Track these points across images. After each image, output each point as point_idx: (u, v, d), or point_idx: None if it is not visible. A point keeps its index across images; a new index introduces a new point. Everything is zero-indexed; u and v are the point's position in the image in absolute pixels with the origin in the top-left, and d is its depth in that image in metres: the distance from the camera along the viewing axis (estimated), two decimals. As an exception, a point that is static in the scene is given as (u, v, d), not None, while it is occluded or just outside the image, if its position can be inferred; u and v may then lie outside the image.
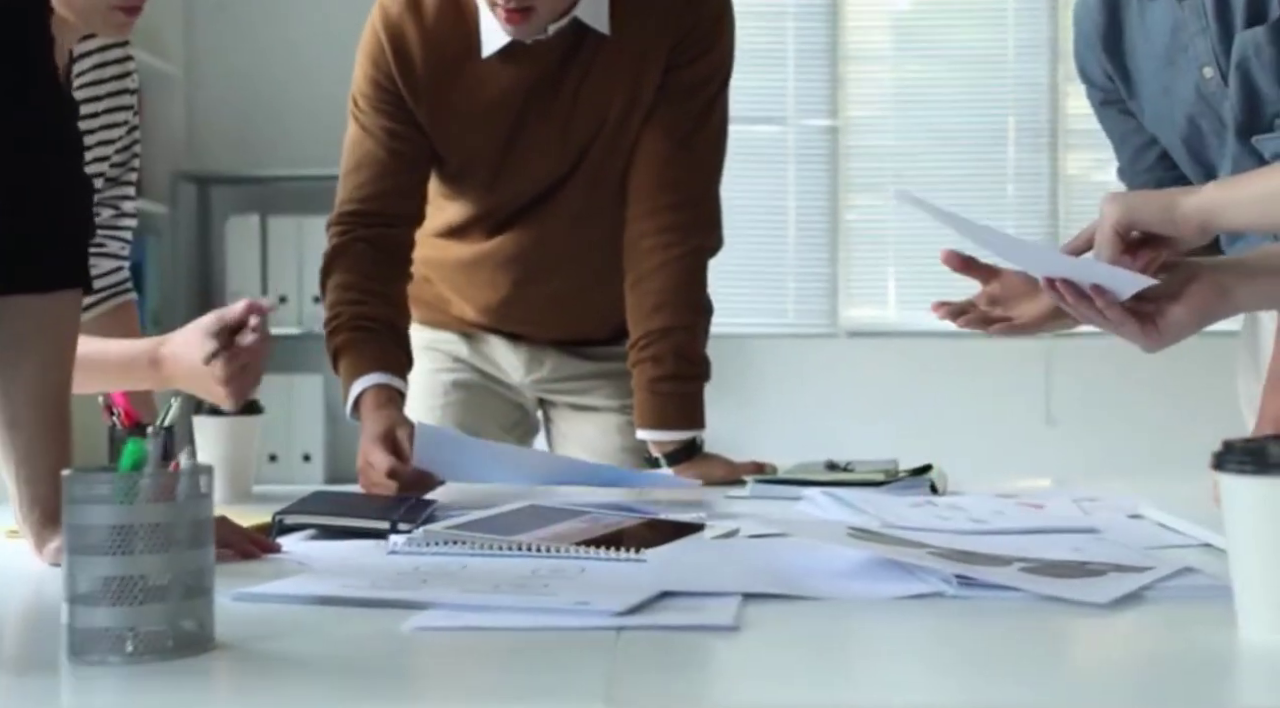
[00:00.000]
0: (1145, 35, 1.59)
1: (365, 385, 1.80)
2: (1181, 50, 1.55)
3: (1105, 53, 1.62)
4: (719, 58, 1.91)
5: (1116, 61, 1.62)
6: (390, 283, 1.89)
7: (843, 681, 0.87)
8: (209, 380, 1.64)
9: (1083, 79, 1.70)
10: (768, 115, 4.60)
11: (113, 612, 0.86)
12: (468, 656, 0.90)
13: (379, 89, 1.88)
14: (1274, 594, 0.89)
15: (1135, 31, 1.59)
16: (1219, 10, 1.50)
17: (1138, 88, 1.63)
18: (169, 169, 4.08)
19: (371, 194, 1.89)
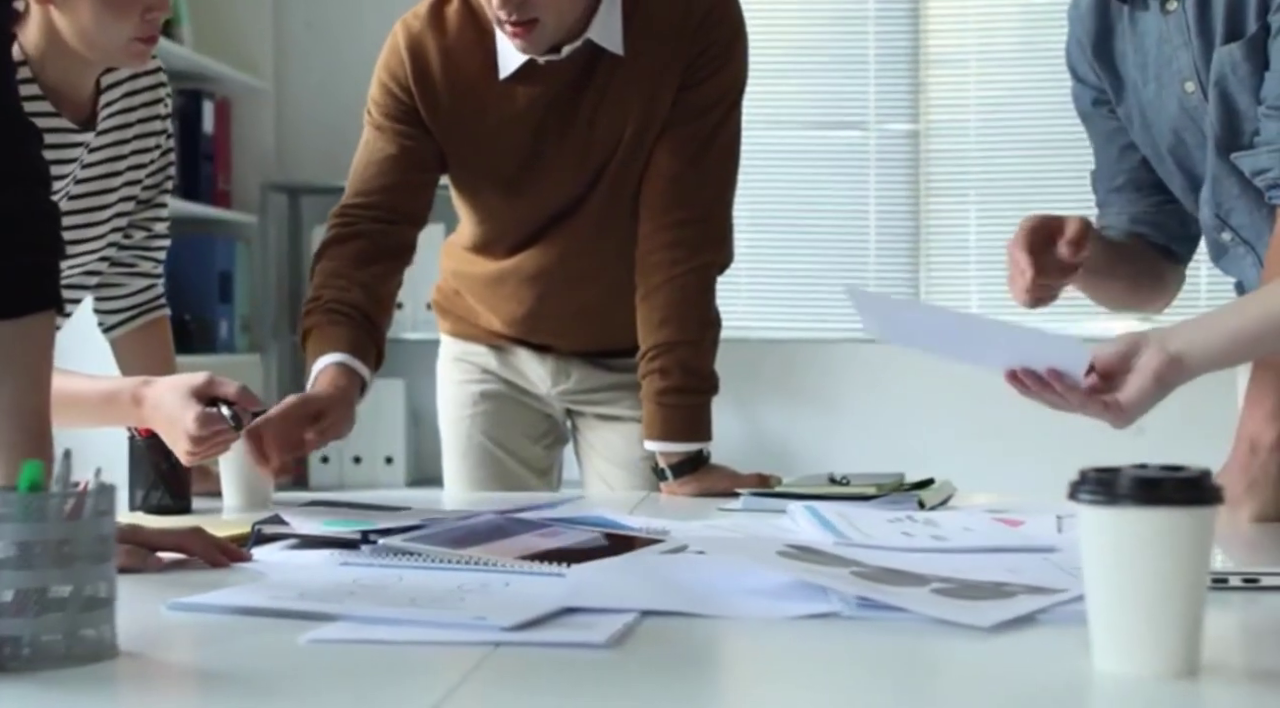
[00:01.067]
0: (1136, 45, 1.59)
1: (327, 362, 1.80)
2: (1166, 63, 1.55)
3: (1096, 58, 1.62)
4: (730, 79, 1.94)
5: (1107, 67, 1.62)
6: (378, 278, 1.90)
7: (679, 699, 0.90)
8: (180, 432, 1.64)
9: (1073, 78, 1.70)
10: (848, 120, 4.59)
11: (14, 623, 0.92)
12: (338, 667, 0.95)
13: (394, 99, 1.94)
14: (1122, 626, 0.90)
15: (1125, 40, 1.59)
16: (1200, 25, 1.50)
17: (1126, 94, 1.62)
18: (259, 180, 4.22)
19: (375, 188, 1.93)
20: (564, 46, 1.87)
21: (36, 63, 1.69)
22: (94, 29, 1.62)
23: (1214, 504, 0.90)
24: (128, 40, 1.64)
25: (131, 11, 1.62)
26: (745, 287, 4.59)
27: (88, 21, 1.62)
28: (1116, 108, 1.64)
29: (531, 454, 2.20)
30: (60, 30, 1.65)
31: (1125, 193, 1.68)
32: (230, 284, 4.06)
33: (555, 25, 1.83)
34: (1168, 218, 1.67)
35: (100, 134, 1.80)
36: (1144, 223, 1.67)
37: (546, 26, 1.82)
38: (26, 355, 1.34)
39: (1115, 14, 1.60)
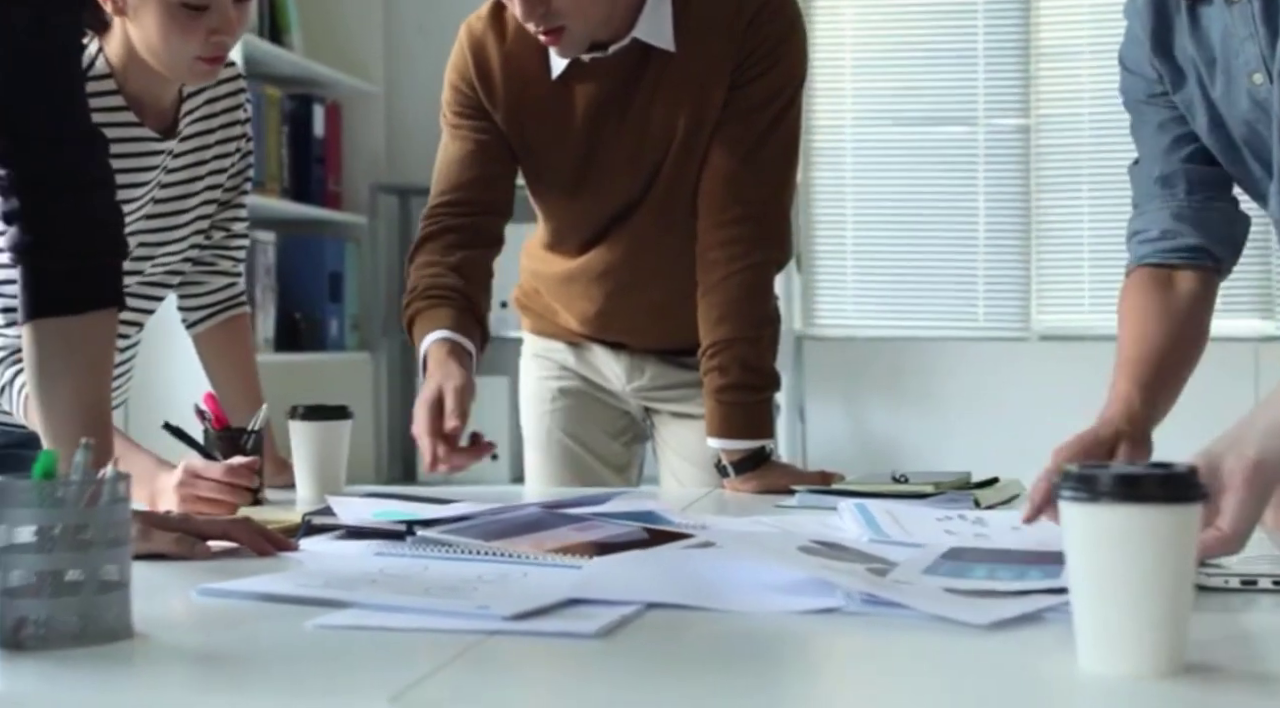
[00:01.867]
0: (1198, 41, 1.55)
1: (432, 339, 1.87)
2: (1234, 56, 1.51)
3: (1156, 53, 1.59)
4: (784, 76, 1.94)
5: (1167, 61, 1.59)
6: (469, 261, 1.97)
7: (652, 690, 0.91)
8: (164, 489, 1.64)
9: (1124, 70, 1.66)
10: (956, 116, 4.53)
11: (31, 603, 0.98)
12: (329, 650, 0.98)
13: (462, 96, 1.99)
14: (1105, 625, 0.89)
15: (1184, 35, 1.56)
16: (1266, 14, 1.46)
17: (1188, 87, 1.59)
18: (369, 181, 4.31)
19: (457, 185, 1.99)
20: (611, 45, 1.90)
21: (120, 74, 1.76)
22: (160, 46, 1.69)
23: (1195, 502, 0.88)
24: (192, 59, 1.70)
25: (195, 32, 1.68)
26: (852, 285, 4.56)
27: (155, 39, 1.68)
28: (1174, 97, 1.61)
29: (609, 451, 2.22)
30: (135, 45, 1.71)
31: (1171, 186, 1.63)
32: (340, 284, 4.16)
33: (583, 29, 1.85)
34: (1212, 216, 1.62)
35: (182, 141, 1.87)
36: (1185, 221, 1.62)
37: (575, 31, 1.85)
38: (88, 350, 1.40)
39: (1173, 9, 1.56)
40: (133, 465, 1.64)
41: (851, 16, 4.58)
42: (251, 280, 3.71)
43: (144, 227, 1.84)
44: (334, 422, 1.93)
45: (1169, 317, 1.57)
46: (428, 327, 1.91)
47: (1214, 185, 1.62)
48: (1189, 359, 1.58)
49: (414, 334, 1.94)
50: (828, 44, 4.58)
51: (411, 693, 0.85)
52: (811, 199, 4.56)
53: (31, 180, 1.37)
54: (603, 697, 0.89)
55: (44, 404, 1.39)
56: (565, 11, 1.82)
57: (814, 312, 4.56)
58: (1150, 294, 1.59)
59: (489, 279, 2.00)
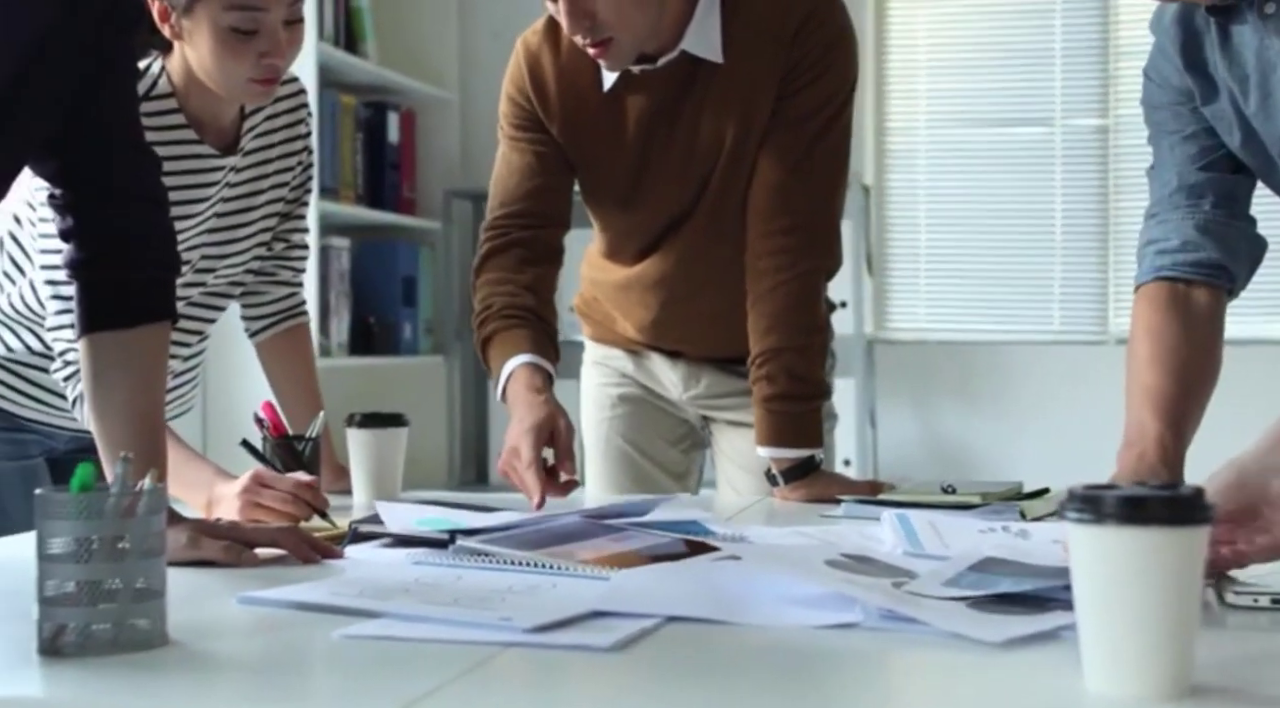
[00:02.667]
0: (1230, 58, 1.53)
1: (517, 364, 1.90)
2: (1271, 69, 1.49)
3: (1186, 67, 1.57)
4: (831, 87, 1.94)
5: (1198, 75, 1.57)
6: (539, 279, 2.00)
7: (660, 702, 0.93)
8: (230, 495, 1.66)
9: (1151, 82, 1.64)
10: (1033, 116, 4.48)
11: (70, 611, 1.02)
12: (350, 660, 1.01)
13: (520, 109, 2.03)
14: (1111, 646, 0.89)
15: (1214, 51, 1.54)
16: None
17: (1219, 100, 1.57)
18: (443, 187, 4.37)
19: (518, 197, 2.03)
20: (659, 57, 1.92)
21: (181, 94, 1.81)
22: (214, 69, 1.73)
23: (1202, 524, 0.88)
24: (245, 81, 1.74)
25: (246, 55, 1.72)
26: (925, 288, 4.54)
27: (209, 62, 1.73)
28: (1203, 109, 1.58)
29: (668, 457, 2.24)
30: (192, 67, 1.76)
31: (1196, 197, 1.60)
32: (414, 288, 4.21)
33: (631, 40, 1.87)
34: (1231, 233, 1.59)
35: (244, 157, 1.91)
36: (1210, 235, 1.58)
37: (623, 43, 1.86)
38: (140, 361, 1.45)
39: (1202, 25, 1.55)
40: (191, 474, 1.70)
41: (926, 17, 4.55)
42: (326, 286, 3.78)
43: (206, 240, 1.89)
44: (390, 429, 1.96)
45: (1190, 342, 1.54)
46: (509, 349, 1.93)
47: (1237, 200, 1.60)
48: (1210, 385, 1.55)
49: (490, 354, 1.97)
50: (902, 45, 4.55)
51: (421, 704, 0.88)
52: (885, 201, 4.53)
53: (85, 199, 1.42)
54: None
55: (98, 413, 1.44)
56: (610, 24, 1.84)
57: (886, 315, 4.54)
58: (1169, 314, 1.56)
59: (554, 296, 2.04)
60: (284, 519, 1.63)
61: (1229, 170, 1.59)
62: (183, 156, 1.80)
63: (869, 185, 4.42)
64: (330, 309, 3.83)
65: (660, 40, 1.91)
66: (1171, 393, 1.49)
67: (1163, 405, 1.49)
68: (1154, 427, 1.47)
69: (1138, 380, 1.52)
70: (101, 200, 1.43)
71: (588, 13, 1.84)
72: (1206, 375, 1.55)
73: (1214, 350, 1.57)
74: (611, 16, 1.84)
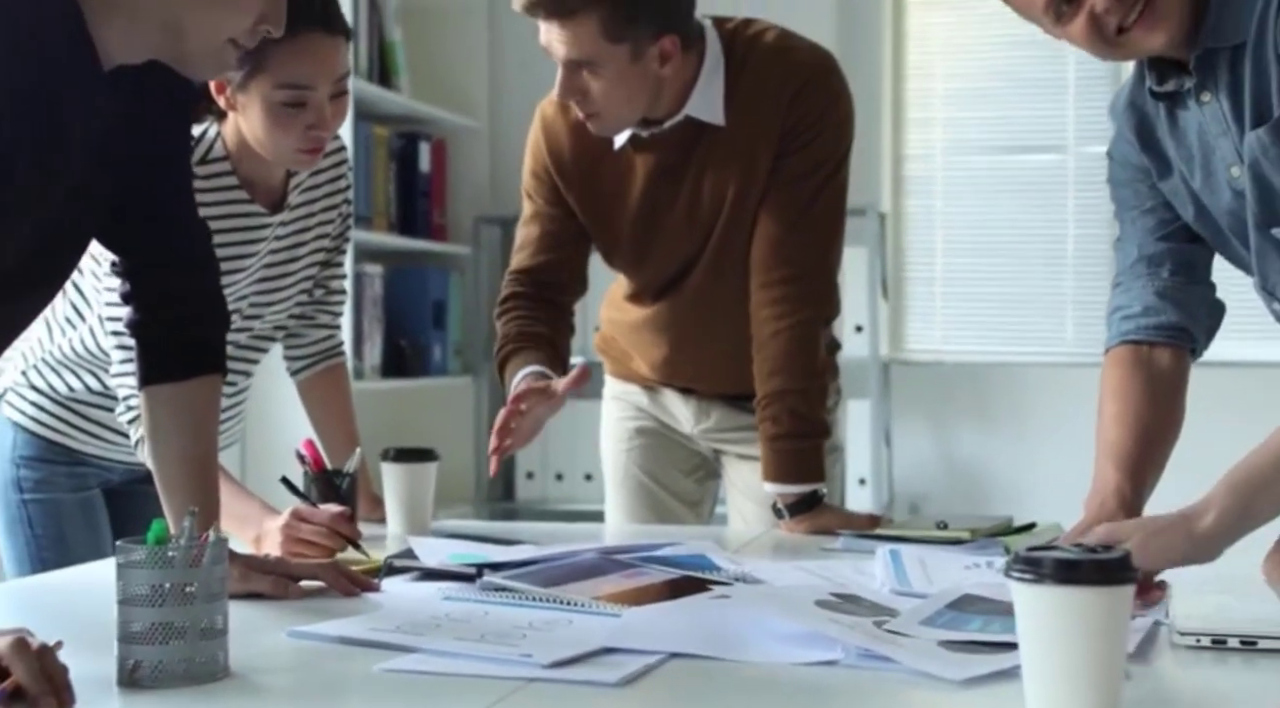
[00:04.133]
0: (1177, 139, 1.65)
1: (524, 373, 2.08)
2: (1211, 152, 1.61)
3: (1142, 147, 1.69)
4: (827, 148, 2.07)
5: (1152, 154, 1.69)
6: (553, 322, 2.19)
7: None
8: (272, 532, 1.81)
9: (1114, 162, 1.76)
10: (1046, 144, 4.60)
11: (145, 649, 1.16)
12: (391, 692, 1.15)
13: (538, 180, 2.19)
14: (1048, 685, 1.02)
15: (1165, 132, 1.66)
16: (1235, 113, 1.56)
17: (1173, 176, 1.68)
18: (473, 213, 4.52)
19: (537, 265, 2.21)
20: (665, 120, 2.07)
21: (234, 158, 1.96)
22: (265, 138, 1.88)
23: (1126, 584, 1.01)
24: (293, 150, 1.89)
25: (294, 127, 1.87)
26: (941, 310, 4.66)
27: (260, 132, 1.88)
28: (1160, 185, 1.70)
29: (683, 487, 2.38)
30: (245, 135, 1.91)
31: (1155, 264, 1.71)
32: (444, 312, 4.36)
33: (614, 119, 2.04)
34: (1189, 298, 1.71)
35: (289, 211, 2.06)
36: (1168, 299, 1.70)
37: (606, 119, 2.03)
38: (193, 411, 1.61)
39: (1152, 110, 1.66)
40: (240, 508, 1.85)
41: (941, 46, 4.67)
42: (359, 311, 3.93)
43: (254, 290, 2.04)
44: (421, 464, 2.11)
45: (1151, 399, 1.67)
46: (519, 364, 2.12)
47: (1195, 267, 1.71)
48: (1170, 440, 1.68)
49: (505, 371, 2.16)
50: (918, 74, 4.67)
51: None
52: (902, 227, 4.66)
53: (143, 267, 1.58)
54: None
55: (156, 457, 1.59)
56: (598, 102, 2.00)
57: (903, 337, 4.66)
58: (1132, 373, 1.69)
59: (567, 337, 2.22)
60: (322, 551, 1.78)
61: (1186, 240, 1.71)
62: (234, 215, 1.95)
63: (885, 212, 4.55)
64: (364, 334, 3.98)
65: (666, 106, 2.06)
66: (1131, 448, 1.63)
67: (1123, 459, 1.62)
68: (1114, 478, 1.61)
69: (1103, 436, 1.66)
70: (157, 268, 1.58)
71: (580, 89, 2.00)
72: (1167, 429, 1.68)
73: (1175, 406, 1.70)
74: (600, 98, 2.00)
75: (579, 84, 1.99)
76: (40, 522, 2.09)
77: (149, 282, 1.59)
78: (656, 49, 1.99)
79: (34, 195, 1.35)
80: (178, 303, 1.59)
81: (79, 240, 1.52)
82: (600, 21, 1.94)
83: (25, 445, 2.09)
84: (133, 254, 1.59)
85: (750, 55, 2.07)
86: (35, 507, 2.09)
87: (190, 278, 1.60)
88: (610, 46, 1.96)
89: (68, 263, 1.52)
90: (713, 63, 2.06)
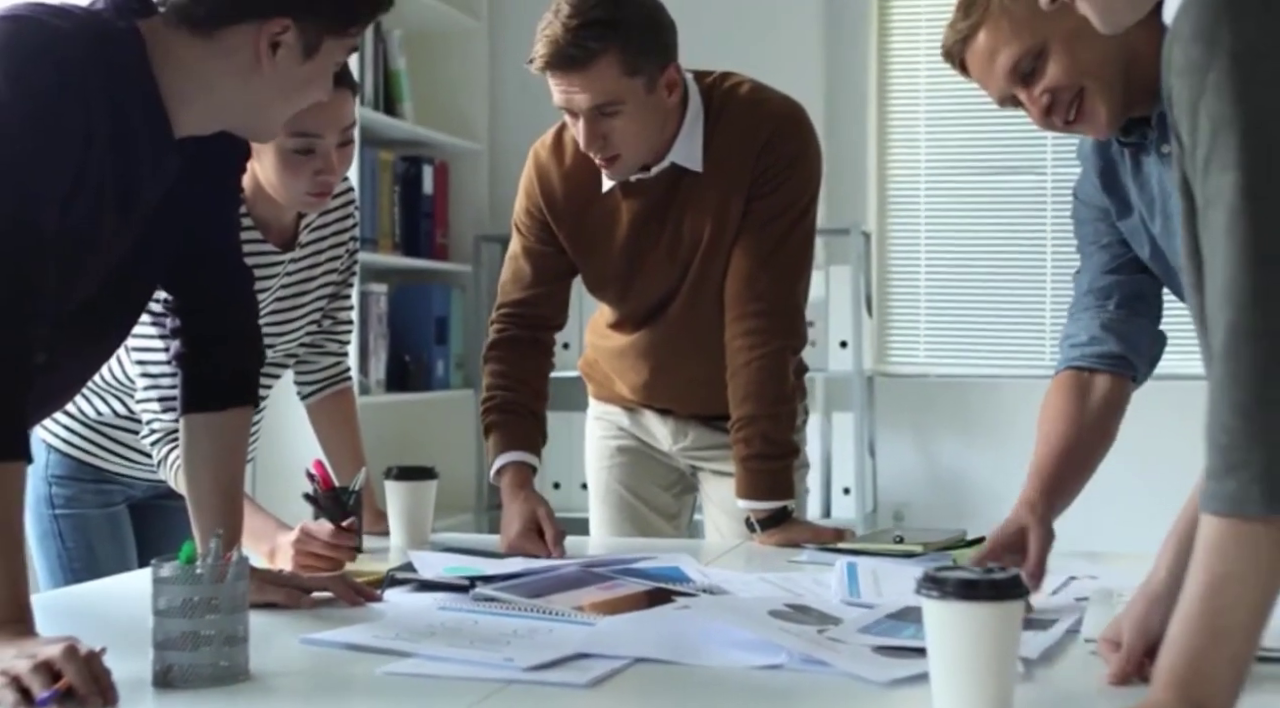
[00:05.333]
0: (1140, 184, 1.81)
1: (507, 461, 2.29)
2: (1167, 198, 1.78)
3: (1104, 188, 1.86)
4: (794, 192, 2.25)
5: (1114, 196, 1.86)
6: (535, 374, 2.37)
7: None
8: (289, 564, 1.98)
9: (1079, 201, 1.92)
10: (1026, 165, 4.77)
11: (177, 654, 1.34)
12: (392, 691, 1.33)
13: (530, 217, 2.36)
14: (952, 686, 1.19)
15: (1128, 176, 1.82)
16: None
17: (1132, 217, 1.85)
18: (473, 232, 4.69)
19: (521, 300, 2.39)
20: (652, 167, 2.25)
21: (249, 201, 2.13)
22: (277, 182, 2.07)
23: (1017, 600, 1.18)
24: (302, 194, 2.08)
25: (304, 172, 2.05)
26: (924, 326, 4.83)
27: (273, 176, 2.06)
28: (1119, 224, 1.87)
29: (662, 501, 2.56)
30: (260, 179, 2.09)
31: (1103, 296, 1.88)
32: (446, 328, 4.54)
33: (634, 157, 2.21)
34: (1131, 329, 1.88)
35: (300, 248, 2.24)
36: (1110, 329, 1.87)
37: (627, 159, 2.21)
38: (226, 437, 1.79)
39: (1116, 155, 1.83)
40: (257, 525, 2.03)
41: (925, 71, 4.84)
42: (365, 328, 4.10)
43: (266, 322, 2.22)
44: (422, 481, 2.29)
45: (1080, 424, 1.85)
46: (503, 443, 2.31)
47: (1143, 299, 1.88)
48: (1092, 461, 1.86)
49: (490, 441, 2.35)
50: (903, 97, 4.85)
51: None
52: (886, 245, 4.83)
53: (192, 306, 1.76)
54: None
55: (190, 480, 1.77)
56: (619, 144, 2.17)
57: (888, 351, 4.83)
58: (1068, 399, 1.86)
59: (547, 381, 2.41)
60: (329, 564, 1.96)
61: (1134, 272, 1.88)
62: (250, 254, 2.12)
63: (870, 232, 4.72)
64: (370, 350, 4.15)
65: (654, 154, 2.24)
66: (1052, 466, 1.82)
67: (1044, 476, 1.82)
68: (1030, 492, 1.80)
69: (1034, 453, 1.84)
70: (207, 307, 1.77)
71: (602, 134, 2.17)
72: (1093, 450, 1.86)
73: (1106, 429, 1.88)
74: (621, 140, 2.17)
75: (601, 130, 2.17)
76: (70, 535, 2.27)
77: (199, 319, 1.78)
78: (664, 79, 2.17)
79: (109, 249, 1.55)
80: (222, 340, 1.77)
81: (149, 282, 1.71)
82: (618, 58, 2.11)
83: (57, 465, 2.28)
84: (186, 294, 1.77)
85: (726, 106, 2.25)
86: (66, 521, 2.27)
87: (235, 317, 1.79)
88: (629, 81, 2.14)
89: (139, 303, 1.72)
90: (694, 114, 2.24)
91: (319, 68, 1.58)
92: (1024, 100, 1.73)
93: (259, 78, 1.55)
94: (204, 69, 1.53)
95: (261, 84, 1.55)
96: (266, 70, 1.54)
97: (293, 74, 1.56)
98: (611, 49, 2.10)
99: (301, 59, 1.56)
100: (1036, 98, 1.71)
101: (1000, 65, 1.70)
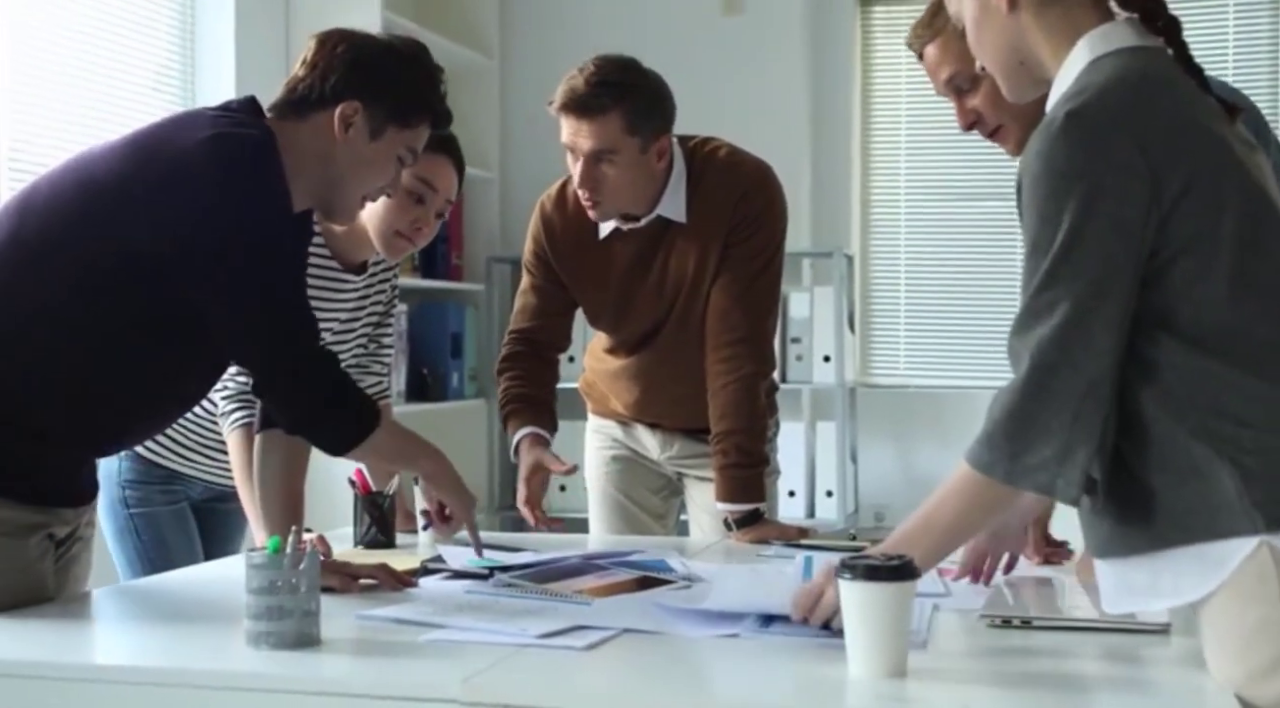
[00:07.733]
0: None
1: (523, 433, 2.70)
2: None
3: None
4: (764, 241, 2.64)
5: None
6: (544, 382, 2.79)
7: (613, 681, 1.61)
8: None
9: None
10: (1001, 191, 5.11)
11: (266, 623, 1.71)
12: (433, 653, 1.70)
13: (537, 259, 2.75)
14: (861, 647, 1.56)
15: None
16: None
17: None
18: (485, 254, 5.07)
19: (530, 328, 2.80)
20: (643, 218, 2.62)
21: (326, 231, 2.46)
22: (381, 213, 2.41)
23: (910, 579, 1.56)
24: (394, 233, 2.44)
25: (406, 216, 2.43)
26: (904, 341, 5.20)
27: (380, 208, 2.40)
28: None
29: (651, 503, 2.95)
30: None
31: None
32: (460, 343, 4.92)
33: (614, 204, 2.60)
34: None
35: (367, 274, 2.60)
36: None
37: (607, 205, 2.59)
38: (292, 451, 2.18)
39: None
40: None
41: (906, 104, 5.20)
42: (387, 345, 4.48)
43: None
44: (447, 486, 2.65)
45: None
46: (519, 423, 2.73)
47: None
48: None
49: (508, 426, 2.77)
50: (885, 126, 5.21)
51: (474, 679, 1.57)
52: (869, 264, 5.20)
53: None
54: (586, 683, 1.60)
55: (262, 486, 2.17)
56: (607, 191, 2.55)
57: (870, 364, 5.20)
58: None
59: (555, 385, 2.82)
60: None
61: None
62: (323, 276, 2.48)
63: (853, 254, 5.08)
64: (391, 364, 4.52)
65: (643, 207, 2.62)
66: None
67: None
68: None
69: None
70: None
71: (597, 176, 2.54)
72: None
73: None
74: (609, 190, 2.54)
75: (596, 174, 2.54)
76: (145, 530, 2.65)
77: None
78: (657, 146, 2.55)
79: None
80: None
81: None
82: (624, 116, 2.50)
83: (129, 471, 2.66)
84: None
85: (706, 167, 2.63)
86: (140, 519, 2.65)
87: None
88: (628, 138, 2.52)
89: None
90: (679, 173, 2.62)
91: (383, 151, 1.97)
92: (955, 107, 2.09)
93: (335, 152, 1.93)
94: (299, 150, 1.92)
95: (337, 158, 1.93)
96: (340, 142, 1.93)
97: (361, 152, 1.96)
98: (621, 107, 2.48)
99: (368, 139, 1.95)
100: (965, 111, 2.08)
101: (940, 76, 2.10)
